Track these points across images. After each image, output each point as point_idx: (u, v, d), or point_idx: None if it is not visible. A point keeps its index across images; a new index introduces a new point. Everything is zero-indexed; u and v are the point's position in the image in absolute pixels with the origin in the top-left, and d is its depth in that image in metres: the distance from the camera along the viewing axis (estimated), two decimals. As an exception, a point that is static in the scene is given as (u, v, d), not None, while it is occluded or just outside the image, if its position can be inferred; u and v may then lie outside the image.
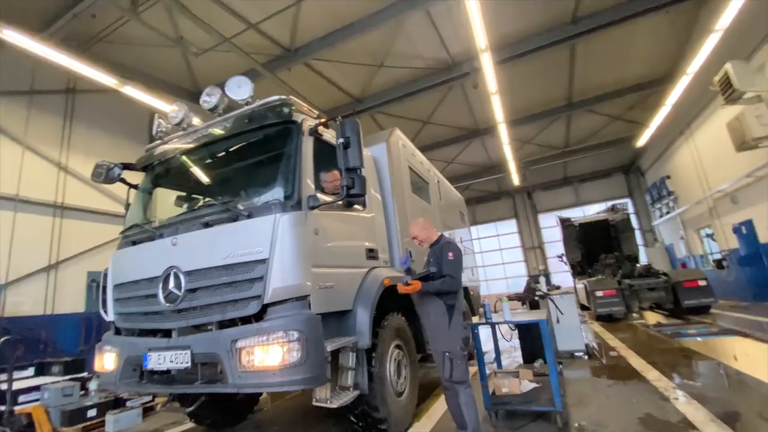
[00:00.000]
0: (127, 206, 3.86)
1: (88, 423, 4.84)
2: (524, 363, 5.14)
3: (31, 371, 6.05)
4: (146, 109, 8.68)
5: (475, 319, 5.93)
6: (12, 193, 6.67)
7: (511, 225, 20.84)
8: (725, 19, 6.73)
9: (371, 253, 3.64)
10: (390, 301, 3.54)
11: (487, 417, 3.46)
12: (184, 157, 3.57)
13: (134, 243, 3.38)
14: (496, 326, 3.91)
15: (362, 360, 2.96)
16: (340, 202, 2.98)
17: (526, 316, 4.00)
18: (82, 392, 5.65)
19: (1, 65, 6.86)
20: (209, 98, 3.36)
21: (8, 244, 6.36)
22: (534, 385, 3.66)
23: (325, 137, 3.36)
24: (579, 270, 12.82)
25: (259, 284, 2.59)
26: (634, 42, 9.78)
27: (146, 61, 8.18)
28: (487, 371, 3.63)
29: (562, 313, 4.88)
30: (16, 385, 5.15)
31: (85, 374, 6.04)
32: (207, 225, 2.93)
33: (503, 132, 11.42)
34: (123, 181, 3.78)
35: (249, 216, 2.81)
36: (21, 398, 5.11)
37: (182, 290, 2.84)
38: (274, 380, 2.43)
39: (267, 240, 2.65)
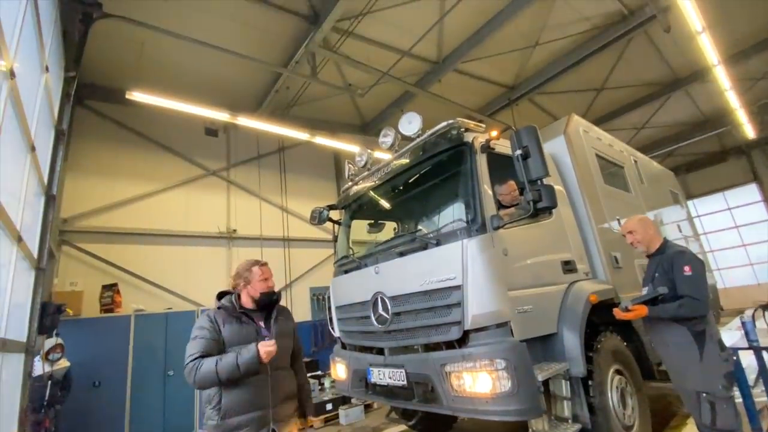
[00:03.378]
0: (335, 239, 4.61)
1: (328, 414, 6.00)
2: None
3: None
4: (330, 150, 10.40)
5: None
6: (257, 235, 9.01)
7: (749, 192, 15.43)
8: None
9: (568, 266, 3.28)
10: (598, 317, 3.11)
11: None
12: (372, 194, 4.06)
13: (346, 272, 4.01)
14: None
15: (578, 389, 2.67)
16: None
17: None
18: (319, 387, 7.01)
19: (238, 142, 9.41)
20: (386, 139, 3.73)
21: (261, 272, 8.58)
22: None
23: (497, 150, 3.24)
24: None
25: (457, 310, 2.66)
26: None
27: (325, 110, 9.77)
28: (758, 407, 2.74)
29: None
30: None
31: (319, 372, 7.53)
32: (401, 254, 3.22)
33: (721, 76, 8.65)
34: (331, 219, 4.56)
35: (438, 243, 2.94)
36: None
37: (389, 313, 3.18)
38: (488, 408, 2.43)
39: (458, 266, 2.71)
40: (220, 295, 2.33)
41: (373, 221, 4.58)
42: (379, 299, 3.31)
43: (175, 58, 7.42)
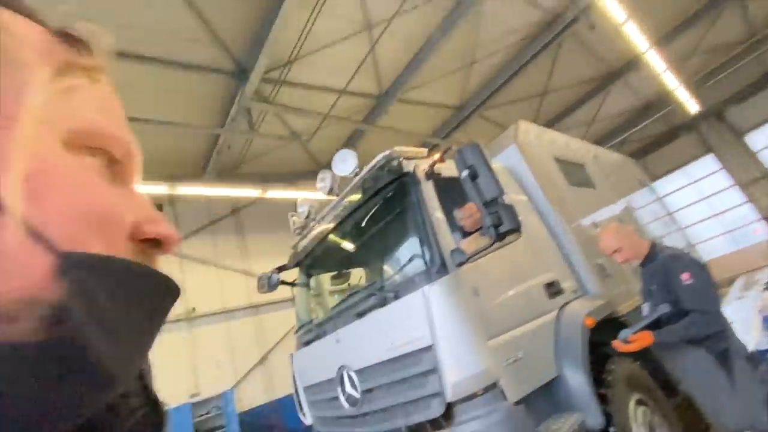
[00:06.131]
0: (293, 299, 4.05)
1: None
2: None
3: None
4: (290, 202, 9.90)
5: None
6: (220, 308, 8.20)
7: (707, 164, 15.91)
8: None
9: (552, 288, 2.83)
10: (599, 337, 2.63)
11: None
12: (323, 244, 3.56)
13: (306, 343, 3.41)
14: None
15: (601, 443, 2.14)
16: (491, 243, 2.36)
17: None
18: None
19: (186, 213, 8.77)
20: (323, 183, 3.29)
21: (230, 351, 7.73)
22: None
23: (444, 173, 2.85)
24: None
25: (434, 378, 2.13)
26: None
27: (276, 162, 9.36)
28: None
29: None
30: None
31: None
32: (359, 315, 2.69)
33: (654, 60, 8.92)
34: (284, 282, 4.01)
35: (396, 296, 2.44)
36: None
37: (359, 391, 2.61)
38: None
39: (423, 321, 2.21)
40: None
41: (334, 272, 4.08)
42: (345, 374, 2.73)
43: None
